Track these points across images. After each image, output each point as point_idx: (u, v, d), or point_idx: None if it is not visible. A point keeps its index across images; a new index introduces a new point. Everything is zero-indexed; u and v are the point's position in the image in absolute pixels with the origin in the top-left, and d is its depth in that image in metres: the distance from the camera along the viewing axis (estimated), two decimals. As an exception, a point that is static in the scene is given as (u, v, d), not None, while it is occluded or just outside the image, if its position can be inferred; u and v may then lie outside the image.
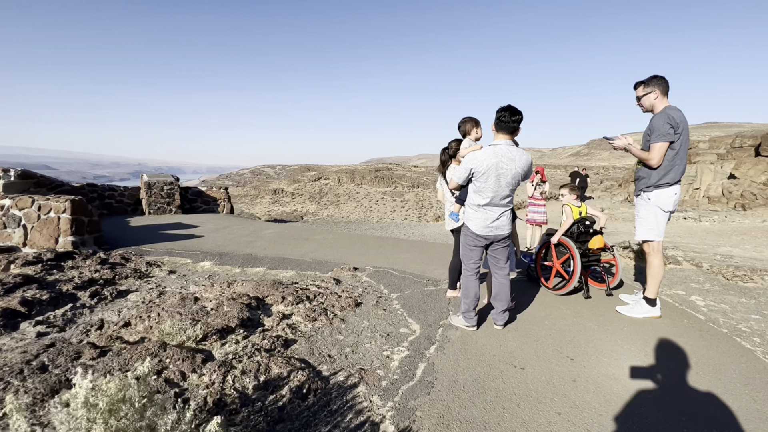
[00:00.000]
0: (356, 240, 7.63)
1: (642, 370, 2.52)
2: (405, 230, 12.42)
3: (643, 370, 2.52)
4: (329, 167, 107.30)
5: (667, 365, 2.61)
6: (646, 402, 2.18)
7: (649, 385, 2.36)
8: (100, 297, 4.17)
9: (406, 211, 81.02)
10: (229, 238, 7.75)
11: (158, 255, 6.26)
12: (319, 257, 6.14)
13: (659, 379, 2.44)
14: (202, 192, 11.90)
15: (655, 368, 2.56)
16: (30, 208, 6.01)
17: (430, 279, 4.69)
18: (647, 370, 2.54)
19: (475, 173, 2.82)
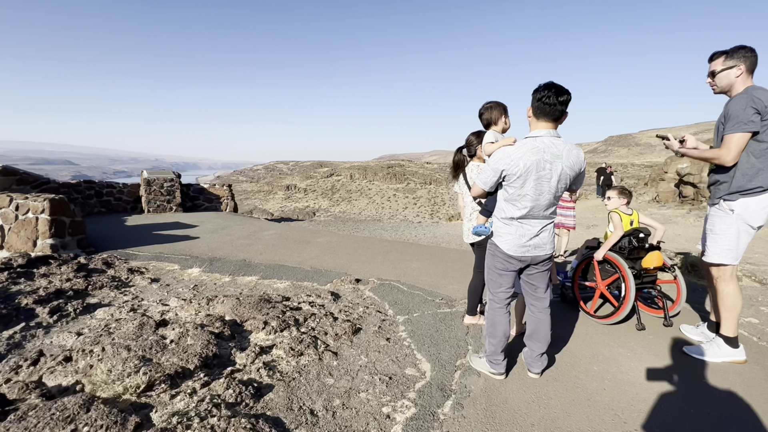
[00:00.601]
0: (362, 244, 6.97)
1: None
2: (416, 231, 11.71)
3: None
4: (341, 163, 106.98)
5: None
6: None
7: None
8: (61, 314, 3.61)
9: (419, 208, 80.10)
10: (226, 240, 7.19)
11: (145, 260, 5.72)
12: (319, 265, 5.50)
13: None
14: (205, 189, 11.42)
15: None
16: (7, 207, 5.53)
17: (443, 298, 3.98)
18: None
19: (508, 176, 2.10)
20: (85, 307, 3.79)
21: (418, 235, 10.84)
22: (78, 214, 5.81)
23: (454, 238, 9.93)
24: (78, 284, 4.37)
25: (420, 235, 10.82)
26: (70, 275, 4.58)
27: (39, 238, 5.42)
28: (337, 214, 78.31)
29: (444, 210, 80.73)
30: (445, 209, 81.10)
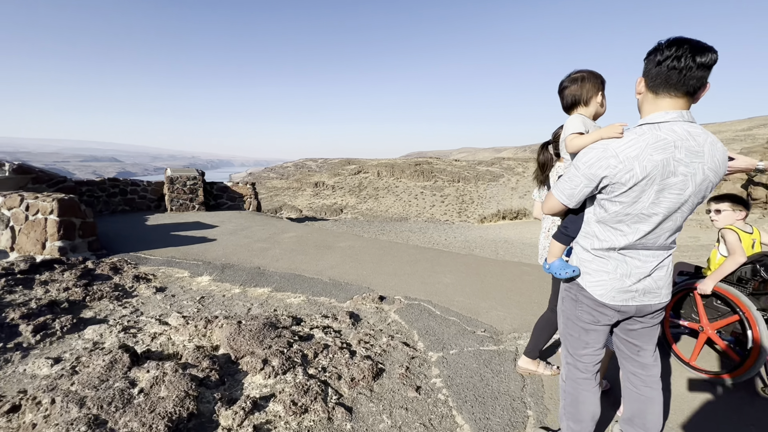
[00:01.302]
0: (387, 251, 6.30)
1: None
2: (446, 233, 10.92)
3: None
4: (369, 161, 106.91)
5: None
6: None
7: None
8: (47, 332, 3.19)
9: (446, 206, 78.57)
10: (243, 243, 6.74)
11: (155, 265, 5.33)
12: (339, 276, 4.89)
13: None
14: (228, 188, 11.14)
15: None
16: (18, 207, 5.30)
17: (486, 328, 3.24)
18: None
19: (613, 186, 1.34)
20: (75, 324, 3.36)
21: (448, 238, 10.07)
22: (89, 215, 5.51)
23: (489, 244, 9.09)
24: (76, 294, 3.98)
25: (450, 238, 10.05)
26: (70, 283, 4.21)
27: (48, 240, 5.14)
28: (363, 212, 78.19)
29: (472, 209, 78.70)
30: (474, 208, 79.06)
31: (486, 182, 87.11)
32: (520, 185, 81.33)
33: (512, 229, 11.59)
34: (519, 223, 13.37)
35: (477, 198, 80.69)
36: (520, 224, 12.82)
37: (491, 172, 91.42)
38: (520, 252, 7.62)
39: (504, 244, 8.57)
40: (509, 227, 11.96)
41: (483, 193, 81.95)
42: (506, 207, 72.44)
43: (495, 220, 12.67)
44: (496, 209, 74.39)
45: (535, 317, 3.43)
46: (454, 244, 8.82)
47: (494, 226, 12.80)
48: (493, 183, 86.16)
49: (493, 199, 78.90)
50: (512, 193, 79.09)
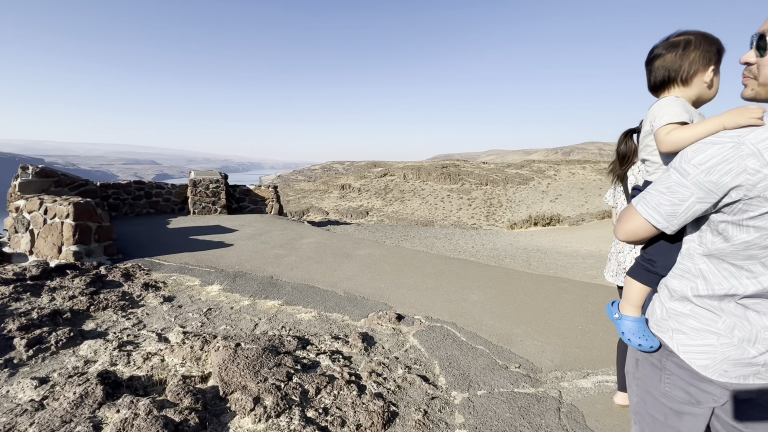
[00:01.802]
0: (409, 261, 5.86)
1: None
2: (473, 240, 10.34)
3: None
4: (395, 163, 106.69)
5: None
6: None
7: None
8: (41, 346, 2.99)
9: (473, 209, 76.96)
10: (259, 249, 6.50)
11: (168, 271, 5.16)
12: (355, 288, 4.50)
13: None
14: (250, 191, 11.07)
15: None
16: (37, 211, 5.28)
17: (521, 362, 2.73)
18: None
19: (749, 201, 0.86)
20: (71, 338, 3.14)
21: (476, 245, 9.49)
22: (105, 218, 5.42)
23: (520, 253, 8.45)
24: (80, 304, 3.81)
25: (478, 245, 9.46)
26: (77, 291, 4.05)
27: (64, 245, 5.07)
28: (389, 214, 77.86)
29: (500, 213, 76.61)
30: (502, 212, 76.96)
31: (515, 185, 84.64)
32: (551, 189, 78.47)
33: (545, 236, 10.83)
34: (552, 230, 12.55)
35: (506, 202, 78.55)
36: (553, 231, 12.01)
37: (521, 175, 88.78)
38: (555, 263, 6.97)
39: (537, 254, 7.92)
40: (542, 234, 11.20)
41: (512, 197, 79.68)
42: (537, 212, 69.97)
43: (526, 226, 11.93)
44: (527, 214, 72.02)
45: (581, 350, 2.89)
46: (482, 253, 8.26)
47: (525, 232, 12.07)
48: (522, 186, 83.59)
49: (523, 203, 76.52)
50: (543, 197, 76.42)
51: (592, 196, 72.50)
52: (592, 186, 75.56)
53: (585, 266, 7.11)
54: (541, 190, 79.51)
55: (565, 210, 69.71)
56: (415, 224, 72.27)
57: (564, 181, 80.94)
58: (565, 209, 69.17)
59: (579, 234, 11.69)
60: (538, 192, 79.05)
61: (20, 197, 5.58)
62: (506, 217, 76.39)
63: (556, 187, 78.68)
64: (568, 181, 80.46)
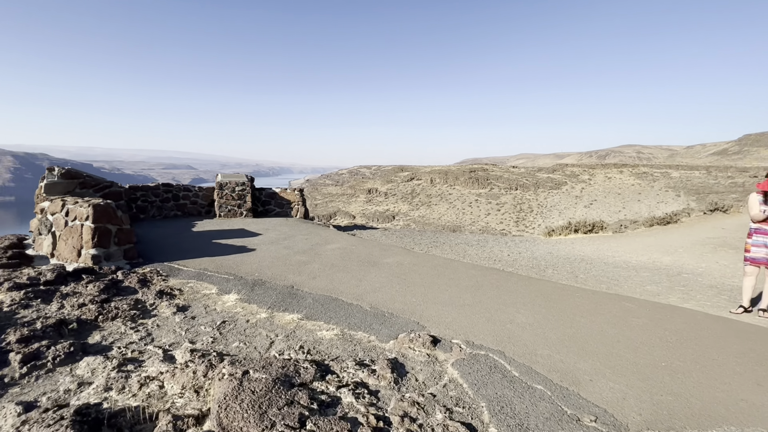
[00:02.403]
0: (442, 271, 5.32)
1: None
2: (509, 248, 9.62)
3: None
4: (422, 168, 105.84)
5: None
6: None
7: None
8: (36, 363, 2.72)
9: (502, 214, 74.78)
10: (282, 255, 6.16)
11: (186, 277, 4.88)
12: (383, 302, 4.02)
13: None
14: (276, 194, 10.88)
15: None
16: (60, 213, 5.16)
17: (597, 413, 2.12)
18: None
19: None
20: (71, 354, 2.85)
21: (512, 254, 8.78)
22: (125, 221, 5.24)
23: (563, 263, 7.68)
24: (89, 313, 3.55)
25: (514, 254, 8.75)
26: (88, 299, 3.81)
27: (83, 248, 4.91)
28: (416, 219, 77.04)
29: (531, 218, 73.97)
30: (532, 217, 74.28)
31: (547, 190, 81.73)
32: (586, 194, 75.05)
33: (588, 244, 9.96)
34: (595, 237, 11.59)
35: (536, 207, 75.82)
36: (596, 239, 11.07)
37: (553, 179, 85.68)
38: (605, 276, 6.22)
39: (582, 265, 7.16)
40: (584, 242, 10.31)
41: (543, 202, 76.87)
42: (570, 217, 67.10)
43: (565, 233, 11.03)
44: (565, 221, 69.16)
45: (675, 398, 2.25)
46: (520, 263, 7.58)
47: (565, 240, 11.20)
48: (554, 191, 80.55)
49: (555, 209, 73.58)
50: (576, 202, 73.19)
51: (630, 202, 68.68)
52: (630, 191, 71.64)
53: (640, 280, 6.29)
54: (575, 195, 76.24)
55: (601, 216, 66.34)
56: (444, 229, 71.06)
57: (599, 186, 77.27)
58: (601, 215, 65.88)
59: (626, 242, 10.69)
60: (571, 197, 75.84)
61: (45, 199, 5.52)
62: (537, 222, 73.81)
63: (591, 192, 75.19)
64: (604, 186, 76.71)
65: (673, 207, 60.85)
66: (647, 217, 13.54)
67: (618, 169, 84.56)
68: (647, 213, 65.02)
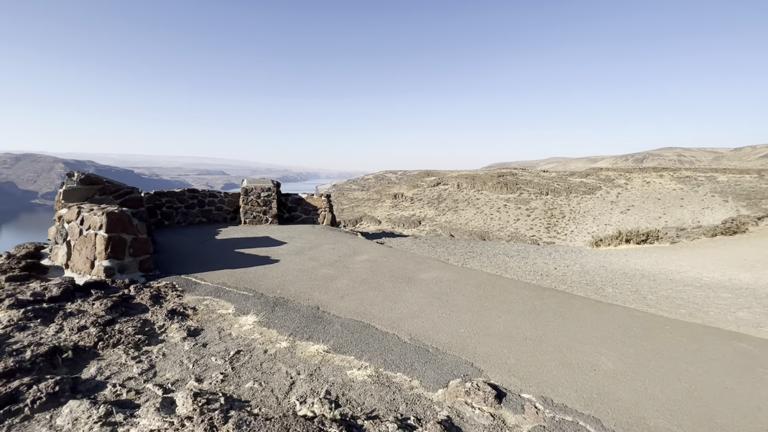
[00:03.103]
0: (489, 290, 4.59)
1: None
2: (554, 260, 8.70)
3: None
4: (449, 173, 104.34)
5: None
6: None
7: None
8: (12, 408, 2.27)
9: (532, 220, 72.16)
10: (307, 267, 5.62)
11: (203, 293, 4.42)
12: (425, 333, 3.36)
13: None
14: (303, 200, 10.45)
15: None
16: (75, 220, 4.85)
17: None
18: None
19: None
20: (54, 395, 2.38)
21: (559, 266, 7.88)
22: (142, 230, 4.86)
23: (620, 279, 6.72)
24: (89, 338, 3.10)
25: (562, 267, 7.85)
26: (90, 321, 3.37)
27: (96, 259, 4.55)
28: (442, 224, 75.68)
29: (563, 224, 70.88)
30: (565, 224, 71.15)
31: (580, 195, 78.30)
32: (622, 199, 71.18)
33: (644, 256, 8.87)
34: (650, 248, 10.42)
35: (569, 212, 72.68)
36: (652, 250, 9.93)
37: (586, 184, 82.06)
38: (680, 297, 5.27)
39: (645, 282, 6.21)
40: (638, 254, 9.22)
41: (576, 207, 73.61)
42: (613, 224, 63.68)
43: (615, 244, 9.94)
44: (601, 227, 65.79)
45: None
46: (571, 278, 6.70)
47: (615, 251, 10.12)
48: (588, 196, 77.01)
49: (588, 214, 70.23)
50: (612, 208, 69.52)
51: (672, 207, 64.47)
52: (671, 196, 67.24)
53: (725, 304, 5.29)
54: (610, 200, 72.47)
55: (639, 222, 62.55)
56: (472, 235, 69.43)
57: (637, 191, 73.07)
58: (639, 221, 62.17)
59: (688, 255, 9.48)
60: (606, 202, 72.15)
61: (64, 205, 5.26)
62: (569, 228, 70.79)
63: (628, 198, 71.22)
64: (642, 191, 72.44)
65: (720, 213, 56.48)
66: (709, 225, 12.13)
67: (658, 173, 79.85)
68: (691, 219, 60.67)
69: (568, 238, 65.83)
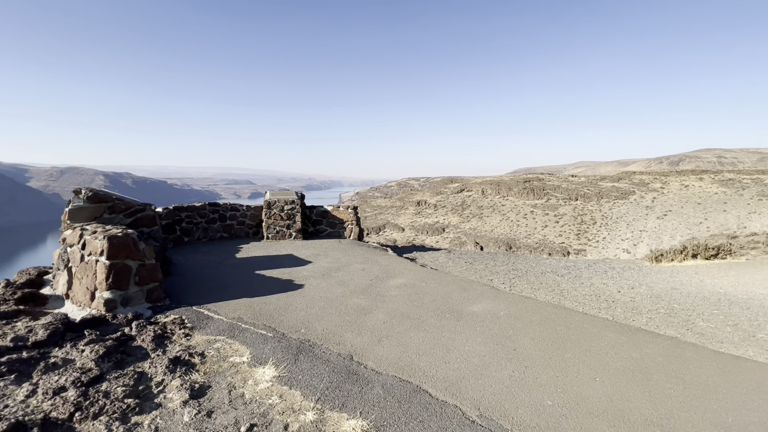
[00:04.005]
0: (562, 331, 3.66)
1: None
2: (614, 281, 7.60)
3: None
4: (472, 179, 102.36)
5: None
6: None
7: None
8: None
9: (561, 227, 69.25)
10: (335, 295, 4.86)
11: (215, 331, 3.72)
12: (498, 404, 2.49)
13: None
14: (328, 212, 9.78)
15: None
16: (77, 245, 4.30)
17: None
18: None
19: None
20: None
21: (622, 289, 6.78)
22: (149, 255, 4.24)
23: (706, 306, 5.55)
24: (63, 406, 2.43)
25: (625, 289, 6.74)
26: (71, 378, 2.71)
27: (97, 289, 3.95)
28: (467, 231, 73.87)
29: (594, 231, 67.54)
30: (596, 230, 67.78)
31: (612, 200, 74.68)
32: (658, 204, 67.18)
33: (720, 275, 7.59)
34: (723, 264, 9.06)
35: (600, 218, 69.30)
36: (727, 267, 8.59)
37: (618, 188, 78.25)
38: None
39: (736, 311, 5.10)
40: (711, 272, 7.94)
41: (608, 213, 70.13)
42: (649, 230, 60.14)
43: (680, 259, 8.70)
44: (635, 233, 62.22)
45: None
46: (644, 305, 5.65)
47: (681, 268, 8.84)
48: (620, 201, 73.29)
49: (622, 220, 66.68)
50: (647, 213, 65.70)
51: (714, 212, 60.18)
52: (712, 200, 62.75)
53: None
54: (645, 205, 68.53)
55: (677, 228, 58.64)
56: (498, 242, 67.22)
57: (674, 195, 68.76)
58: (677, 227, 58.34)
59: (773, 273, 8.11)
60: (640, 207, 68.30)
61: (69, 226, 4.74)
62: (601, 235, 67.50)
63: (664, 202, 67.13)
64: (680, 195, 68.09)
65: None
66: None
67: (697, 176, 75.12)
68: (736, 225, 56.21)
69: (600, 245, 62.59)
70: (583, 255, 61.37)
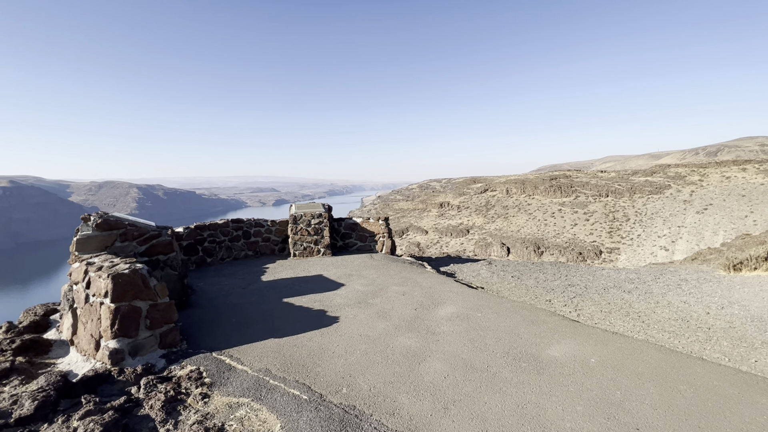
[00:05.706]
0: (688, 392, 2.76)
1: None
2: (696, 299, 6.51)
3: None
4: (496, 178, 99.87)
5: None
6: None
7: None
8: None
9: (591, 225, 66.17)
10: (377, 333, 4.09)
11: (237, 391, 3.02)
12: None
13: None
14: (357, 225, 9.07)
15: None
16: (82, 282, 3.73)
17: None
18: None
19: None
20: None
21: (712, 310, 5.69)
22: (162, 293, 3.62)
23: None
24: None
25: (714, 310, 5.66)
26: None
27: (102, 337, 3.35)
28: (492, 232, 71.86)
29: (627, 228, 64.12)
30: (629, 227, 64.30)
31: (645, 195, 70.81)
32: (697, 197, 63.00)
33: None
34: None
35: (633, 215, 65.76)
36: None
37: (652, 182, 74.14)
38: None
39: None
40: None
41: (642, 209, 66.46)
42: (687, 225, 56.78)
43: (766, 267, 7.48)
44: (673, 229, 58.71)
45: None
46: (747, 331, 4.65)
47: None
48: (655, 196, 69.33)
49: (657, 216, 62.97)
50: (686, 208, 61.72)
51: (761, 204, 55.75)
52: (758, 192, 58.14)
53: None
54: (682, 199, 64.43)
55: (720, 222, 54.67)
56: (526, 243, 64.90)
57: (715, 188, 64.27)
58: (720, 222, 54.46)
59: None
60: (677, 202, 64.28)
61: (77, 258, 4.22)
62: (635, 232, 64.07)
63: (704, 195, 62.85)
64: (721, 187, 63.55)
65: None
66: None
67: (739, 166, 70.11)
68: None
69: (635, 242, 59.30)
70: (616, 254, 58.30)
